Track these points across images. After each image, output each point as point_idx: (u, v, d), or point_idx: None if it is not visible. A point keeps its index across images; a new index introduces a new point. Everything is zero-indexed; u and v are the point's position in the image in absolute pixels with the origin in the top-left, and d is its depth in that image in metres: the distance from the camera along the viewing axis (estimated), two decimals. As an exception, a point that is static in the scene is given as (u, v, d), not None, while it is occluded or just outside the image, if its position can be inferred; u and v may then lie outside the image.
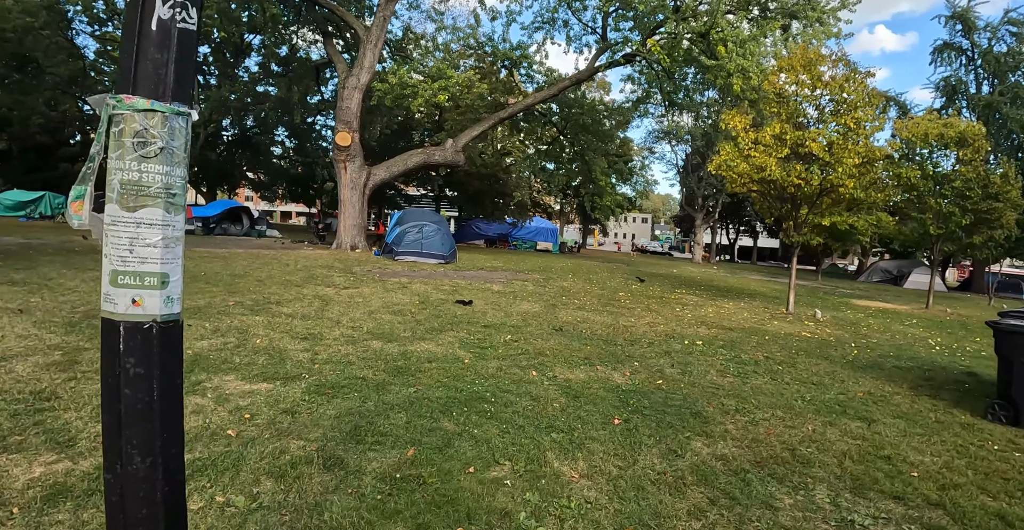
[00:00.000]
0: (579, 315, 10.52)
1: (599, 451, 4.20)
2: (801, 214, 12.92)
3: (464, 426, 4.45)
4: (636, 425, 4.79)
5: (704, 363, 7.38)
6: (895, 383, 7.12)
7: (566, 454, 4.12)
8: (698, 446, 4.42)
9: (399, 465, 3.68)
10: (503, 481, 3.62)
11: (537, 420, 4.74)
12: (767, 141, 12.15)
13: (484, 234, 35.33)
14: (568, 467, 3.90)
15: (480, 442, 4.16)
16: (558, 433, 4.49)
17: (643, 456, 4.16)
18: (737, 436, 4.71)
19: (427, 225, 20.41)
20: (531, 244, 34.95)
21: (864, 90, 12.21)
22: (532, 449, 4.13)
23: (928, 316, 15.64)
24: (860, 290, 24.79)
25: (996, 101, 34.18)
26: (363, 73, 21.77)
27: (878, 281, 33.96)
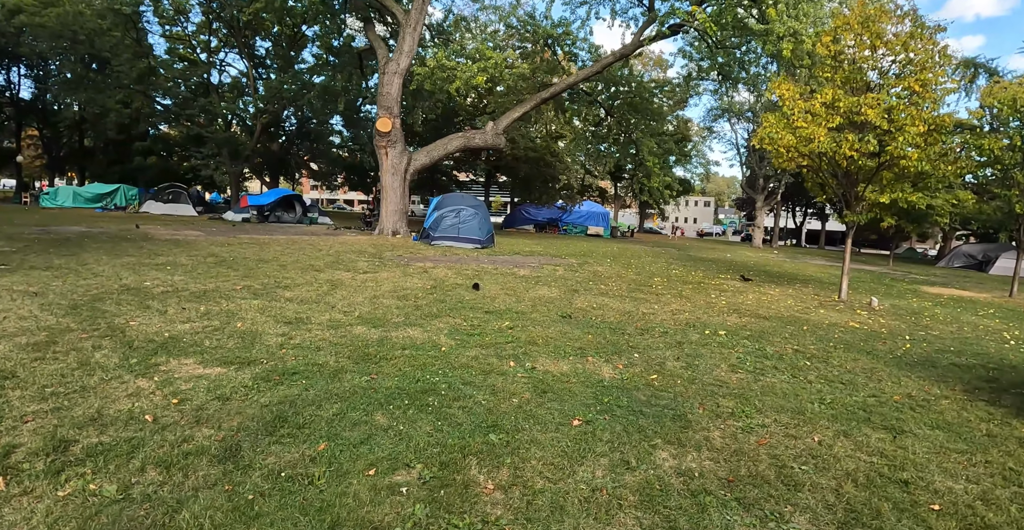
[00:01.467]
0: (598, 301, 9.71)
1: (535, 458, 3.55)
2: (859, 190, 11.58)
3: (396, 421, 4.02)
4: (597, 428, 4.07)
5: (717, 356, 6.48)
6: (947, 384, 6.02)
7: (493, 460, 3.50)
8: (662, 457, 3.65)
9: (297, 461, 3.36)
10: (400, 488, 3.13)
11: (482, 417, 4.17)
12: (817, 110, 10.88)
13: (534, 219, 34.57)
14: (486, 476, 3.30)
15: (403, 440, 3.71)
16: (499, 434, 3.89)
17: (585, 467, 3.45)
18: (718, 446, 3.89)
19: (464, 209, 19.91)
20: (582, 229, 33.90)
21: (933, 48, 10.76)
22: (455, 452, 3.58)
23: (1010, 306, 13.91)
24: (936, 276, 22.65)
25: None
26: (403, 58, 21.38)
27: (960, 266, 31.15)
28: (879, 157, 10.79)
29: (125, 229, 17.16)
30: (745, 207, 53.86)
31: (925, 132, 10.32)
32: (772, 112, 11.90)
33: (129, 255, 11.29)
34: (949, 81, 10.75)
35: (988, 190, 16.11)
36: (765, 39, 14.55)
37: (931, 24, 10.82)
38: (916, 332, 9.04)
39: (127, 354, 5.15)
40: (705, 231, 67.93)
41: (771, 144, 11.38)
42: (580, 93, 25.17)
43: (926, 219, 23.30)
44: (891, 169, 11.03)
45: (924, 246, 57.62)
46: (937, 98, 10.48)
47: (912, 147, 10.37)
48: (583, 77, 22.18)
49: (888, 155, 10.56)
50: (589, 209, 34.86)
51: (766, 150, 12.10)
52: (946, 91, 10.81)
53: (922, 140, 10.38)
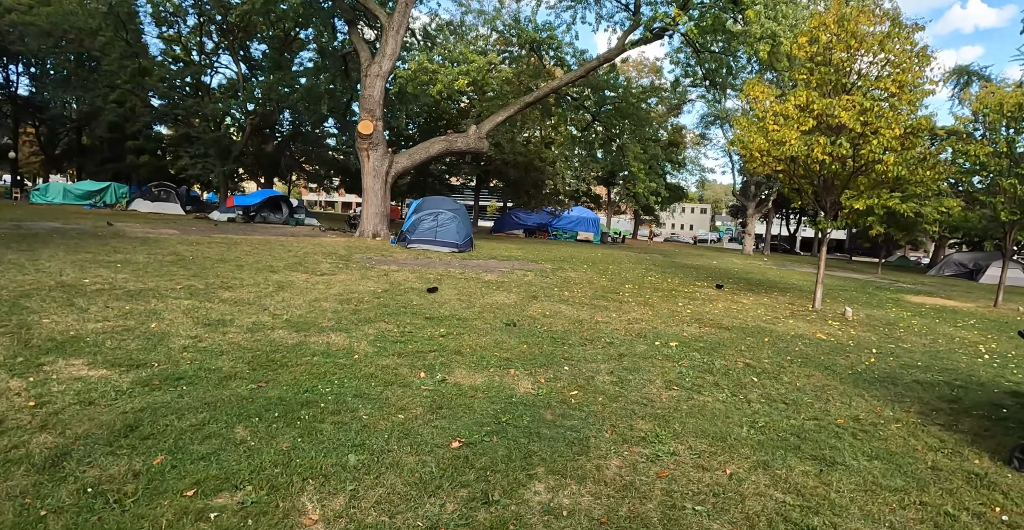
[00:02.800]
0: (553, 308, 9.26)
1: (384, 486, 3.15)
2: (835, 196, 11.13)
3: (255, 435, 3.70)
4: (476, 452, 3.64)
5: (656, 370, 6.03)
6: (902, 405, 5.55)
7: (336, 485, 3.12)
8: (534, 490, 3.21)
9: (118, 476, 3.08)
10: (210, 513, 2.77)
11: (352, 435, 3.80)
12: (789, 112, 10.45)
13: (524, 224, 34.16)
14: (316, 504, 2.93)
15: (248, 457, 3.39)
16: (360, 454, 3.53)
17: (436, 500, 3.03)
18: (609, 478, 3.44)
19: (442, 213, 19.53)
20: (572, 234, 33.46)
21: (911, 48, 10.33)
22: (298, 473, 3.22)
23: (993, 316, 13.43)
24: (924, 284, 22.15)
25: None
26: (385, 61, 21.16)
27: (951, 275, 30.59)
28: (854, 161, 10.33)
29: (100, 226, 16.92)
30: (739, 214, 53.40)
31: (901, 135, 9.88)
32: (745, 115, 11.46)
33: (88, 252, 11.08)
34: (928, 83, 10.32)
35: (975, 197, 15.63)
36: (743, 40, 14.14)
37: (909, 23, 10.38)
38: (885, 345, 8.58)
39: (17, 352, 4.96)
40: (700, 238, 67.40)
41: (743, 147, 10.95)
42: (566, 98, 24.76)
43: (916, 227, 22.81)
44: (867, 174, 10.58)
45: (917, 254, 57.03)
46: (914, 100, 10.03)
47: (888, 151, 9.92)
48: (567, 81, 21.79)
49: (863, 159, 10.12)
50: (579, 214, 34.43)
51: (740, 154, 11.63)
52: (925, 93, 10.39)
53: (898, 144, 9.93)
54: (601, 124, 24.70)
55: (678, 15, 16.86)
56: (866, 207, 10.65)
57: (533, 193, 29.59)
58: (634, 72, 40.23)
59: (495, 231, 34.52)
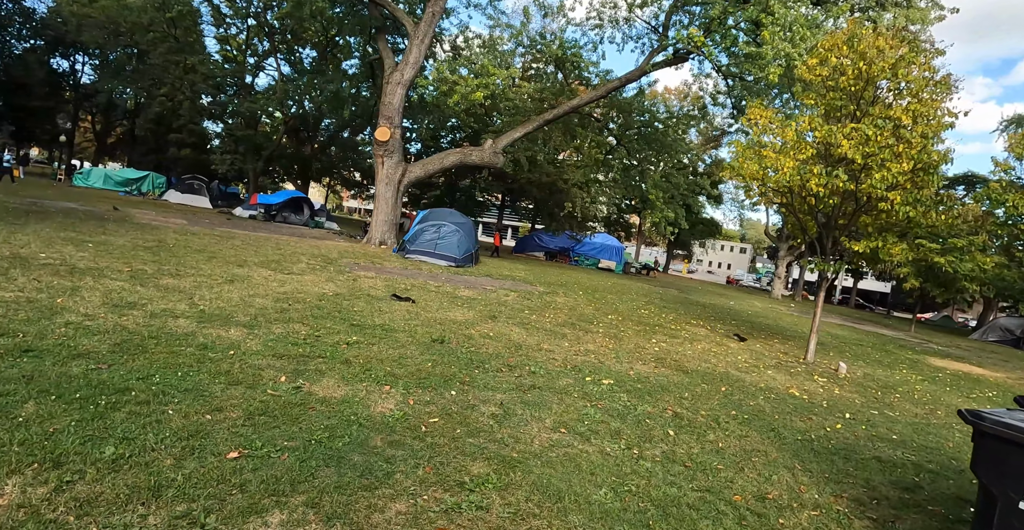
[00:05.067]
0: (503, 330, 8.46)
1: (110, 485, 2.88)
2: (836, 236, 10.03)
3: (38, 413, 3.49)
4: (250, 467, 3.34)
5: (558, 408, 5.19)
6: (840, 486, 4.52)
7: (50, 476, 2.88)
8: (263, 521, 2.81)
9: None
10: None
11: (135, 428, 3.51)
12: (788, 137, 9.45)
13: (545, 246, 33.27)
14: (15, 489, 2.72)
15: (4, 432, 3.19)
16: (122, 448, 3.24)
17: (143, 511, 2.75)
18: (372, 523, 2.91)
19: (445, 225, 18.96)
20: (593, 261, 32.38)
21: (929, 75, 9.26)
22: (31, 455, 3.01)
23: (1021, 389, 11.92)
24: (959, 348, 20.31)
25: None
26: (407, 69, 20.91)
27: (994, 341, 28.19)
28: (855, 197, 9.24)
29: (108, 210, 16.98)
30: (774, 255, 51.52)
31: (910, 171, 8.76)
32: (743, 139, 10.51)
33: (75, 231, 11.05)
34: (947, 114, 9.19)
35: (1012, 253, 14.17)
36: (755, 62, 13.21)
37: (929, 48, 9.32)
38: (867, 410, 7.42)
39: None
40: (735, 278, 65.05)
41: (735, 174, 9.97)
42: (590, 119, 24.03)
43: (954, 284, 21.00)
44: (871, 213, 9.45)
45: (965, 316, 53.52)
46: (929, 133, 8.90)
47: (895, 188, 8.81)
48: (587, 101, 21.06)
49: (864, 195, 9.02)
50: (603, 242, 33.30)
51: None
52: (942, 126, 9.24)
53: (906, 180, 8.81)
54: (625, 148, 23.82)
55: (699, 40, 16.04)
56: (870, 251, 9.49)
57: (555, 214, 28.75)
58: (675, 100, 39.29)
59: (516, 251, 33.71)
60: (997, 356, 19.69)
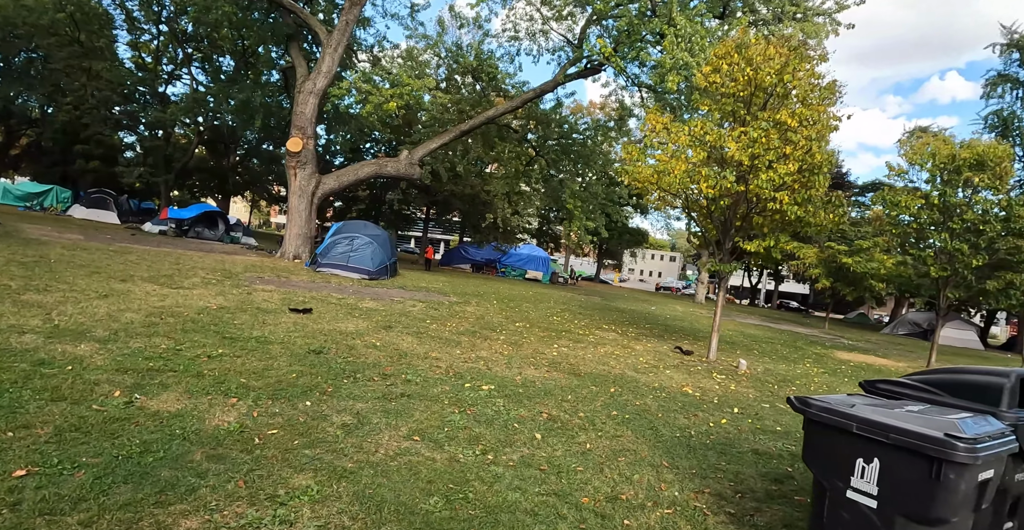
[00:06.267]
0: (393, 339, 8.12)
1: None
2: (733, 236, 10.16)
3: None
4: (33, 485, 3.02)
5: (420, 415, 4.95)
6: (705, 482, 4.40)
7: None
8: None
9: None
10: None
11: None
12: (681, 141, 9.54)
13: (472, 258, 33.08)
14: None
15: None
16: None
17: None
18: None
19: (358, 238, 18.49)
20: (520, 272, 32.36)
21: (812, 79, 9.54)
22: None
23: (915, 377, 12.35)
24: (869, 342, 21.15)
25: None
26: (320, 78, 20.37)
27: (904, 334, 29.72)
28: (747, 199, 9.39)
29: None
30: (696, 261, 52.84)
31: (796, 172, 8.96)
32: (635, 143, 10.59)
33: None
34: (831, 118, 9.48)
35: (907, 251, 14.81)
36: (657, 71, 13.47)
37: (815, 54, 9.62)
38: (759, 404, 7.44)
39: None
40: (663, 285, 66.59)
41: (629, 177, 10.00)
42: (509, 130, 24.03)
43: (862, 283, 21.94)
44: (762, 214, 9.62)
45: (880, 313, 56.29)
46: (813, 135, 9.13)
47: (778, 188, 8.99)
48: (502, 112, 21.04)
49: (753, 196, 9.17)
50: (529, 252, 33.37)
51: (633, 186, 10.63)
52: (828, 129, 9.53)
53: (793, 181, 9.01)
54: (544, 159, 23.91)
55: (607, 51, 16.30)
56: (764, 250, 9.64)
57: (479, 226, 28.55)
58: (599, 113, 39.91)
59: (443, 264, 33.38)
60: (903, 348, 20.58)
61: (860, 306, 46.13)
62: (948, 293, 14.26)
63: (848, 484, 2.71)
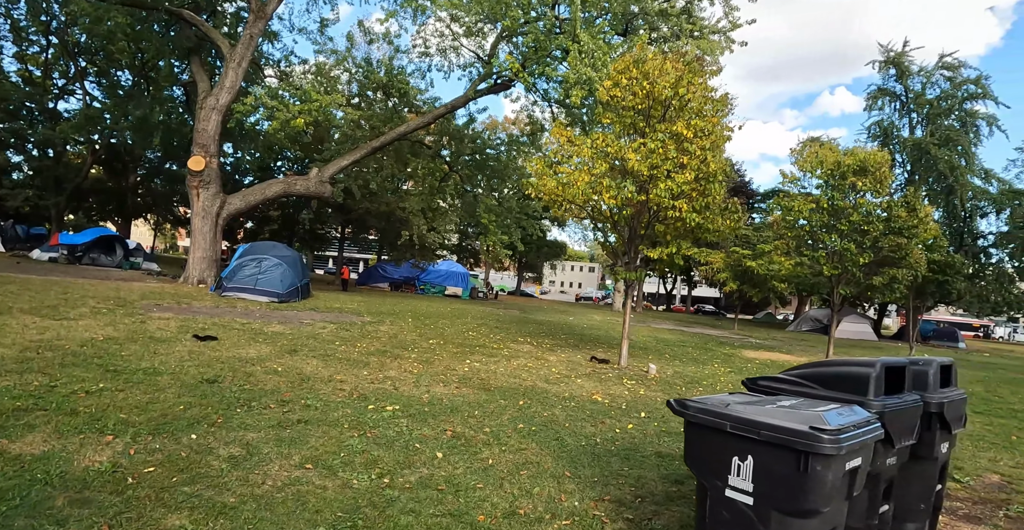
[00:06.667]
0: (298, 364, 7.78)
1: None
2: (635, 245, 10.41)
3: None
4: None
5: (317, 441, 4.70)
6: (606, 489, 4.40)
7: None
8: None
9: None
10: None
11: None
12: (584, 154, 9.73)
13: (390, 277, 32.57)
14: None
15: None
16: None
17: None
18: None
19: (267, 259, 17.80)
20: (440, 289, 32.11)
21: (706, 92, 9.96)
22: None
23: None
24: (775, 340, 22.23)
25: (926, 142, 32.84)
26: (223, 93, 19.58)
27: (807, 330, 31.52)
28: (648, 208, 9.66)
29: None
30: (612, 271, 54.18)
31: (693, 180, 9.29)
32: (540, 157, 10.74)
33: None
34: (724, 129, 9.92)
35: (802, 252, 15.67)
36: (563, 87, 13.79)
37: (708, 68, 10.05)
38: (665, 407, 7.58)
39: None
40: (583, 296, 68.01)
41: (535, 191, 10.11)
42: (422, 146, 23.92)
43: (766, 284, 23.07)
44: (663, 222, 9.92)
45: (785, 312, 59.45)
46: (707, 145, 9.52)
47: (676, 197, 9.29)
48: (414, 128, 20.93)
49: (654, 205, 9.44)
50: (448, 268, 33.20)
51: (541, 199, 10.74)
52: (723, 139, 9.95)
53: (691, 189, 9.33)
54: (459, 174, 23.91)
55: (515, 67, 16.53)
56: (667, 257, 9.93)
57: (396, 244, 28.15)
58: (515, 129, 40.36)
59: (360, 284, 32.66)
60: (806, 343, 21.69)
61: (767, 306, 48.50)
62: (840, 290, 15.18)
63: (726, 483, 2.74)
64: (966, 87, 35.11)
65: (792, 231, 15.66)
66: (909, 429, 3.63)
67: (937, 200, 32.77)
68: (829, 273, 14.67)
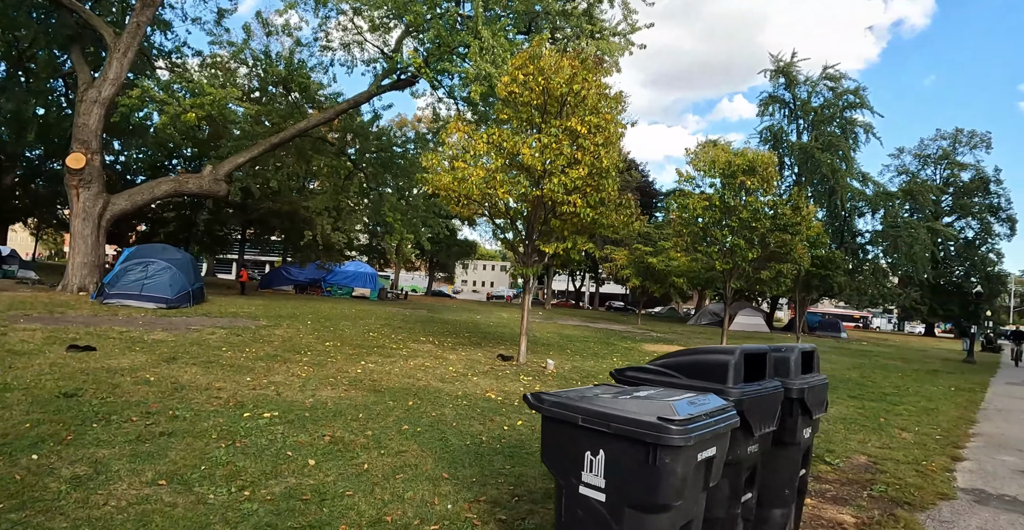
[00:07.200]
0: (175, 372, 7.26)
1: None
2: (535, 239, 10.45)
3: None
4: None
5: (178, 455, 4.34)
6: (484, 489, 4.30)
7: None
8: None
9: None
10: None
11: None
12: (479, 148, 9.65)
13: (294, 279, 31.37)
14: None
15: None
16: None
17: None
18: None
19: (154, 263, 16.67)
20: (347, 290, 31.26)
21: (600, 90, 10.10)
22: None
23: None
24: (676, 333, 23.07)
25: (811, 147, 35.11)
26: (106, 85, 18.14)
27: (707, 323, 33.02)
28: (543, 203, 9.71)
29: None
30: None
31: (587, 176, 9.40)
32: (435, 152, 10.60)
33: None
34: (618, 125, 10.10)
35: (696, 248, 16.33)
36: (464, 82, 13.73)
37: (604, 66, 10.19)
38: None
39: None
40: (494, 294, 68.46)
41: (429, 185, 9.96)
42: (325, 143, 23.16)
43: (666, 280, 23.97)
44: (559, 217, 9.99)
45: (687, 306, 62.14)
46: (600, 141, 9.66)
47: (574, 192, 9.38)
48: (315, 123, 20.23)
49: (548, 199, 9.50)
50: (356, 269, 32.35)
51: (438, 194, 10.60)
52: (616, 136, 10.13)
53: (584, 184, 9.44)
54: (364, 173, 23.31)
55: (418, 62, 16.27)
56: (563, 251, 10.01)
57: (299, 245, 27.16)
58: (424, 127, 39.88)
59: (263, 287, 31.29)
60: (703, 336, 22.59)
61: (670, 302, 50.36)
62: (732, 283, 15.91)
63: (580, 479, 2.66)
64: (846, 97, 37.90)
65: (688, 228, 16.25)
66: (770, 415, 3.61)
67: (821, 201, 35.14)
68: (721, 268, 15.33)
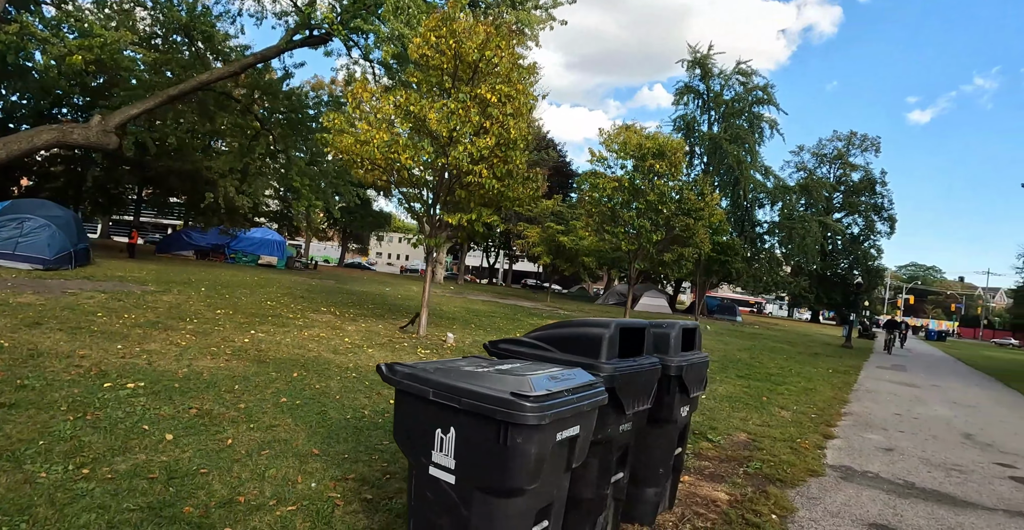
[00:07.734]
0: (35, 338, 6.62)
1: None
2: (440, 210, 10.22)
3: None
4: None
5: (14, 429, 3.87)
6: (355, 465, 4.13)
7: None
8: None
9: None
10: None
11: None
12: (385, 111, 9.26)
13: (196, 244, 29.67)
14: None
15: None
16: None
17: None
18: None
19: (30, 220, 15.36)
20: (253, 258, 29.91)
21: (513, 59, 9.89)
22: None
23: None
24: (583, 312, 23.51)
25: (720, 137, 36.36)
26: (-30, 17, 16.21)
27: (613, 304, 33.92)
28: (448, 171, 9.48)
29: None
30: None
31: (494, 146, 9.22)
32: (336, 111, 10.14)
33: None
34: (528, 96, 9.95)
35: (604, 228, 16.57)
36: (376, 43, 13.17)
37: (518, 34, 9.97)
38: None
39: None
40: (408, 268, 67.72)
41: (330, 148, 9.53)
42: (230, 99, 21.75)
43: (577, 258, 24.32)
44: (465, 187, 9.81)
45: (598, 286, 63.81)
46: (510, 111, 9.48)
47: (480, 162, 9.19)
48: (218, 77, 18.89)
49: (453, 168, 9.28)
50: (262, 236, 30.93)
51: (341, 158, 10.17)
52: (527, 107, 9.98)
53: (490, 154, 9.26)
54: (272, 134, 22.11)
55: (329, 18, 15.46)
56: (468, 223, 9.84)
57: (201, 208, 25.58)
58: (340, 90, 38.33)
59: (160, 251, 29.43)
60: (608, 315, 22.91)
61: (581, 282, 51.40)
62: (637, 265, 16.28)
63: (430, 460, 2.49)
64: (756, 92, 39.45)
65: (597, 208, 16.44)
66: (645, 393, 3.52)
67: (726, 190, 36.59)
68: (627, 249, 15.62)
